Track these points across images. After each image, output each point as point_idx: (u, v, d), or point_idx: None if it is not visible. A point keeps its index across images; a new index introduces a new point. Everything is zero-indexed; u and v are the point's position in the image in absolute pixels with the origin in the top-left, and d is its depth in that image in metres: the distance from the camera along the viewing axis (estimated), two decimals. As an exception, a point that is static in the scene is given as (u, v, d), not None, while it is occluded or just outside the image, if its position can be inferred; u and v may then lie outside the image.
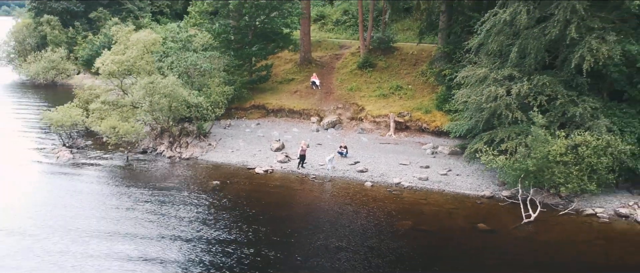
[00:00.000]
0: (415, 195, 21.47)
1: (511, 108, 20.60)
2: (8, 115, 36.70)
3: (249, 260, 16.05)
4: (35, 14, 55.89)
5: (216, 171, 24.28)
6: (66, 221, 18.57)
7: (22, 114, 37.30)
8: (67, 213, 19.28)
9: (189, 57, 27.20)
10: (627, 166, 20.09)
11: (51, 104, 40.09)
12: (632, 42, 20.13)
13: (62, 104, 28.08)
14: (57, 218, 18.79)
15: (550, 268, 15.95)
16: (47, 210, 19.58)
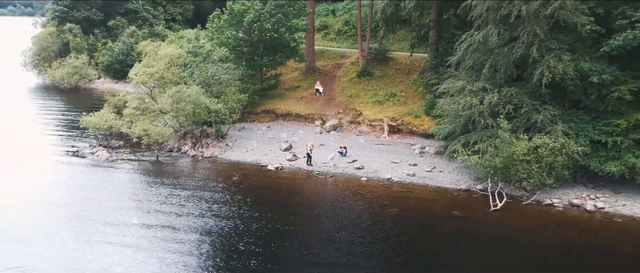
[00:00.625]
0: (403, 188, 25.42)
1: (484, 115, 24.52)
2: (44, 117, 40.85)
3: (267, 235, 20.03)
4: (58, 22, 60.07)
5: (234, 168, 28.27)
6: (115, 203, 22.62)
7: (56, 116, 41.40)
8: (112, 197, 23.30)
9: (209, 68, 31.15)
10: (582, 164, 24.01)
11: (79, 107, 44.46)
12: (586, 60, 23.99)
13: (87, 107, 32.18)
14: (105, 202, 22.83)
15: (508, 245, 19.87)
16: (92, 197, 23.60)
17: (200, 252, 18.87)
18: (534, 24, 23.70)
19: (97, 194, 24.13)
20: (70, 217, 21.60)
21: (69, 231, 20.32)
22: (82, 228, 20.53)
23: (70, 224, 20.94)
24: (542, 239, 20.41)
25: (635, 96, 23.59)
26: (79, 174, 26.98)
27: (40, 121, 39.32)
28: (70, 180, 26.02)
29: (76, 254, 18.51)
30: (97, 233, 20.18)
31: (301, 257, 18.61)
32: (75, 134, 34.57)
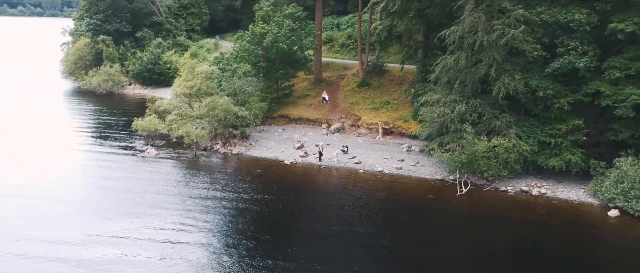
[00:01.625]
0: (392, 178, 32.33)
1: (454, 121, 31.36)
2: (96, 118, 48.03)
3: (287, 211, 26.99)
4: (93, 34, 67.21)
5: (257, 163, 35.26)
6: (170, 187, 29.64)
7: (105, 118, 48.56)
8: (166, 184, 30.31)
9: (236, 82, 38.10)
10: (531, 160, 30.81)
11: (118, 111, 51.68)
12: (535, 79, 30.75)
13: (124, 110, 38.95)
14: (162, 187, 29.86)
15: (469, 219, 26.72)
16: (151, 184, 30.60)
17: (237, 221, 25.85)
18: (493, 51, 30.52)
19: (153, 182, 31.13)
20: (140, 196, 28.62)
21: (141, 206, 27.31)
22: (151, 204, 27.54)
23: (139, 201, 27.95)
24: (494, 215, 27.27)
25: (572, 106, 30.39)
26: (137, 166, 34.03)
27: (95, 123, 46.52)
28: (131, 171, 33.06)
29: (153, 221, 25.51)
30: (162, 206, 27.20)
31: (313, 226, 25.58)
32: (125, 135, 41.61)
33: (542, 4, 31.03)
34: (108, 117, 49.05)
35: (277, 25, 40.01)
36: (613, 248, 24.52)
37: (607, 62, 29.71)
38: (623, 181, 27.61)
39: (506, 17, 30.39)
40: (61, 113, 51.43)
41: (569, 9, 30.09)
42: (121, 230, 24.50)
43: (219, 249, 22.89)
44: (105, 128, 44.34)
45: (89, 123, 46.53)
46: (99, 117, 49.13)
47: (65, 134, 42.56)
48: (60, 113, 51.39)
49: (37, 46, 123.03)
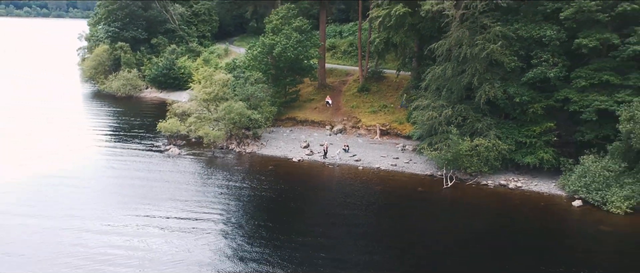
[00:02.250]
0: (387, 173, 36.78)
1: (441, 124, 35.75)
2: (118, 120, 52.56)
3: (295, 201, 31.48)
4: (111, 41, 71.80)
5: (268, 160, 39.74)
6: (193, 181, 34.13)
7: (129, 119, 53.03)
8: (188, 178, 34.80)
9: (249, 88, 42.58)
10: (509, 157, 35.18)
11: (138, 113, 56.19)
12: (512, 86, 35.11)
13: (143, 112, 43.42)
14: (182, 183, 34.37)
15: (452, 207, 31.14)
16: (175, 177, 35.10)
17: (253, 208, 30.36)
18: (476, 62, 34.91)
19: (178, 176, 35.63)
20: (168, 188, 33.12)
21: (169, 196, 31.78)
22: (178, 194, 32.03)
23: (167, 191, 32.43)
24: (475, 204, 31.69)
25: (545, 110, 34.79)
26: (163, 163, 38.54)
27: (120, 123, 51.16)
28: (158, 167, 37.57)
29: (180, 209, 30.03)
30: (188, 196, 31.71)
31: (318, 212, 30.07)
32: (149, 135, 46.09)
33: (518, 20, 35.42)
34: (131, 118, 53.61)
35: (286, 37, 44.49)
36: (574, 231, 28.95)
37: (575, 72, 34.12)
38: (586, 175, 31.97)
39: (487, 33, 34.77)
40: (88, 115, 56.07)
41: (542, 26, 34.46)
42: (153, 215, 29.00)
43: (238, 231, 27.41)
44: (131, 129, 48.92)
45: (115, 124, 51.15)
46: (123, 118, 53.71)
47: (95, 133, 47.14)
48: (87, 115, 56.06)
49: (52, 49, 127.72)
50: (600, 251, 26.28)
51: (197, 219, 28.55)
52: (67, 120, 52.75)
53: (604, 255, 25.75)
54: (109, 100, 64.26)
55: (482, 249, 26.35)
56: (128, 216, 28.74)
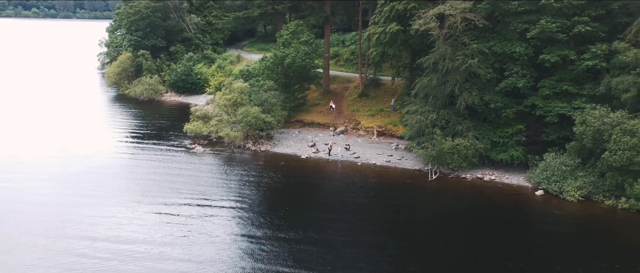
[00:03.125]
0: (382, 168, 43.15)
1: (428, 126, 42.04)
2: (145, 121, 59.11)
3: (303, 191, 37.93)
4: (133, 49, 78.43)
5: (280, 157, 46.17)
6: (219, 174, 40.58)
7: (153, 121, 59.58)
8: (214, 172, 41.25)
9: (263, 95, 49.04)
10: (486, 155, 41.45)
11: (161, 115, 62.74)
12: (488, 94, 41.35)
13: (165, 115, 50.30)
14: (209, 175, 40.82)
15: (435, 196, 37.48)
16: (201, 172, 41.55)
17: (268, 197, 36.84)
18: (457, 74, 41.20)
19: (205, 170, 42.12)
20: (197, 179, 39.59)
21: (199, 186, 38.23)
22: (206, 184, 38.48)
23: (197, 182, 38.90)
24: (454, 194, 37.99)
25: (516, 115, 41.00)
26: (191, 159, 45.05)
27: (147, 124, 57.65)
28: (187, 162, 44.07)
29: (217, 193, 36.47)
30: (213, 185, 38.17)
31: (324, 200, 36.52)
32: (175, 135, 52.54)
33: (493, 38, 41.71)
34: (156, 120, 60.24)
35: (295, 50, 50.91)
36: (535, 215, 35.29)
37: (540, 82, 40.41)
38: (547, 169, 38.22)
39: (466, 49, 41.04)
40: (117, 116, 62.63)
41: (513, 43, 40.72)
42: (187, 201, 35.48)
43: (255, 214, 33.88)
44: (158, 129, 55.52)
45: (142, 125, 57.77)
46: (149, 120, 60.34)
47: (126, 133, 53.72)
48: (116, 116, 62.61)
49: (69, 53, 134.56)
50: (554, 230, 32.40)
51: (221, 206, 35.00)
52: (98, 121, 59.44)
53: (556, 233, 31.88)
54: (133, 103, 70.84)
55: (459, 226, 32.84)
56: (168, 200, 35.25)
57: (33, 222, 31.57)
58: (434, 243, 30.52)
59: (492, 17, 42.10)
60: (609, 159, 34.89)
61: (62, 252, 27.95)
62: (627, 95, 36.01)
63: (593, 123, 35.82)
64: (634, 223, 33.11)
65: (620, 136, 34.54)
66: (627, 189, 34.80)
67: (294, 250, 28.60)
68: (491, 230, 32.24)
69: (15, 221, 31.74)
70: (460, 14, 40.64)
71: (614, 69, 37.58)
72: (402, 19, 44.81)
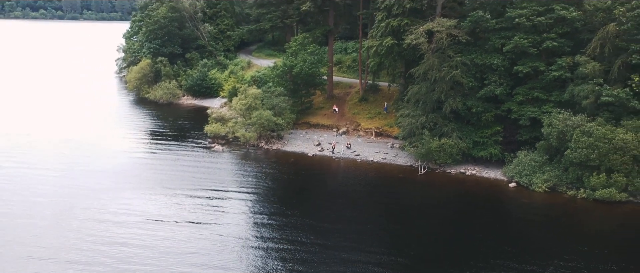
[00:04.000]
0: (378, 164, 49.62)
1: (418, 128, 48.45)
2: (167, 123, 65.76)
3: (311, 183, 44.49)
4: (152, 55, 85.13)
5: (289, 155, 52.68)
6: (233, 170, 47.14)
7: (174, 123, 66.23)
8: (233, 167, 47.79)
9: (274, 99, 55.59)
10: (468, 153, 47.84)
11: (180, 117, 69.46)
12: (471, 100, 47.73)
13: (183, 117, 57.52)
14: (228, 170, 47.37)
15: (424, 187, 43.93)
16: (222, 167, 48.11)
17: (280, 188, 43.40)
18: (443, 82, 47.57)
19: (225, 165, 48.75)
20: (219, 173, 46.14)
21: (220, 178, 44.76)
22: (226, 177, 45.01)
23: (218, 176, 45.45)
24: (440, 186, 44.41)
25: (494, 118, 47.35)
26: (213, 156, 51.62)
27: (170, 126, 64.26)
28: (210, 159, 50.66)
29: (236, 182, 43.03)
30: (232, 178, 44.70)
31: (327, 191, 43.06)
32: (196, 135, 59.17)
33: (474, 52, 48.06)
34: (176, 121, 66.92)
35: (302, 60, 57.45)
36: (507, 203, 41.59)
37: (515, 90, 46.76)
38: (519, 165, 44.57)
39: (451, 61, 47.42)
40: (139, 118, 69.34)
41: (491, 56, 47.08)
42: (213, 189, 42.04)
43: (268, 203, 40.45)
44: (179, 130, 62.22)
45: (166, 125, 64.49)
46: (169, 121, 67.01)
47: (150, 133, 60.36)
48: (139, 118, 69.32)
49: (84, 57, 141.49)
50: (523, 216, 38.71)
51: (239, 194, 41.55)
52: (125, 122, 66.11)
53: (525, 219, 38.19)
54: (153, 106, 77.54)
55: (444, 213, 39.32)
56: (196, 189, 41.83)
57: (76, 207, 38.16)
58: (422, 226, 36.94)
59: (473, 33, 48.45)
60: (571, 156, 41.25)
61: (109, 220, 34.52)
62: (586, 101, 42.37)
63: (558, 125, 42.15)
64: (590, 210, 39.42)
65: (580, 137, 40.87)
66: (585, 181, 41.13)
67: (300, 231, 35.02)
68: (471, 216, 38.67)
69: (65, 205, 38.23)
70: (446, 30, 46.98)
71: (576, 79, 43.89)
72: (396, 34, 51.14)
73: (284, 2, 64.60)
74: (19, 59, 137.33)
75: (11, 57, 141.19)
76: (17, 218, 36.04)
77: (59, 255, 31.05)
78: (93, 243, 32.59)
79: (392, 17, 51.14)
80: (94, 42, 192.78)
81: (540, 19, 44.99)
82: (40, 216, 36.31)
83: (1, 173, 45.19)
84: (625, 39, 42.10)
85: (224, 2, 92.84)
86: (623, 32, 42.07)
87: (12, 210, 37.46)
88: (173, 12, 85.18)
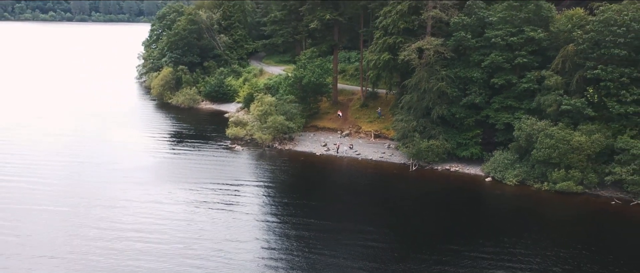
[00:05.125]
0: (376, 162, 58.03)
1: (410, 131, 56.79)
2: (192, 126, 74.46)
3: (318, 177, 53.04)
4: (174, 64, 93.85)
5: (300, 154, 61.17)
6: (250, 166, 55.68)
7: (197, 125, 74.96)
8: (252, 164, 56.33)
9: (286, 106, 64.09)
10: (453, 153, 56.17)
11: (201, 120, 78.22)
12: (455, 107, 55.99)
13: (203, 120, 66.58)
14: (246, 165, 55.92)
15: (413, 181, 52.32)
16: (242, 162, 56.66)
17: (290, 182, 51.94)
18: (431, 92, 55.90)
19: (245, 162, 57.35)
20: (240, 168, 54.69)
21: (241, 173, 53.27)
22: (243, 174, 53.50)
23: (240, 171, 53.97)
24: (428, 180, 52.73)
25: (475, 122, 55.65)
26: (234, 155, 60.22)
27: (194, 128, 72.96)
28: (232, 157, 59.30)
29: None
30: (251, 173, 53.18)
31: (331, 184, 51.62)
32: (217, 136, 67.77)
33: (458, 66, 56.37)
34: (199, 124, 75.65)
35: (310, 71, 65.98)
36: (483, 193, 49.93)
37: (492, 99, 54.99)
38: (495, 162, 52.86)
39: (438, 74, 55.70)
40: (166, 121, 78.16)
41: (472, 70, 55.32)
42: (234, 181, 50.56)
43: (281, 194, 48.98)
44: (202, 131, 70.95)
45: (190, 128, 73.29)
46: (193, 124, 75.76)
47: (177, 134, 69.04)
48: (164, 121, 78.11)
49: (103, 61, 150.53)
50: (496, 205, 47.23)
51: (257, 186, 50.14)
52: (151, 125, 74.98)
53: (498, 207, 46.74)
54: (176, 110, 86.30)
55: (431, 203, 47.61)
56: (222, 181, 50.36)
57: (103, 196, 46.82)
58: (412, 213, 45.19)
59: (457, 50, 56.73)
60: (536, 155, 49.45)
61: (160, 202, 43.13)
62: (550, 109, 50.58)
63: (526, 129, 50.35)
64: (552, 200, 47.46)
65: (544, 139, 49.06)
66: (548, 176, 49.28)
67: (308, 213, 43.37)
68: (454, 205, 46.82)
69: (104, 194, 46.84)
70: (434, 48, 55.27)
71: (542, 90, 52.06)
72: (392, 50, 59.45)
73: (294, 20, 72.93)
74: (44, 64, 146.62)
75: (37, 62, 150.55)
76: (81, 197, 44.85)
77: (125, 218, 39.67)
78: (147, 217, 41.52)
79: (388, 35, 59.48)
80: (108, 46, 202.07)
81: (513, 39, 53.21)
82: (101, 196, 45.53)
83: (58, 166, 54.17)
84: (582, 57, 50.24)
85: (238, 15, 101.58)
86: (580, 51, 50.22)
87: (77, 190, 46.45)
88: (192, 25, 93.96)
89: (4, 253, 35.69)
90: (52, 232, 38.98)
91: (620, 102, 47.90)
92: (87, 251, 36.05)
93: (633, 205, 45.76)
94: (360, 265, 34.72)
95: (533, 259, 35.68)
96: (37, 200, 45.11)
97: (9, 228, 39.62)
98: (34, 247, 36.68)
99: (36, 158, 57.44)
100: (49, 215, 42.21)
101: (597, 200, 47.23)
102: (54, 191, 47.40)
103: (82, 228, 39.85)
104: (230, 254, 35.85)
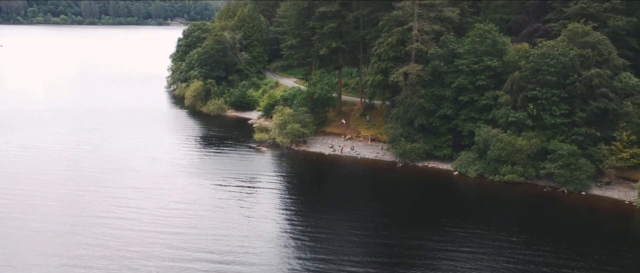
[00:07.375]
0: (372, 160, 74.92)
1: (398, 136, 73.65)
2: (221, 130, 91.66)
3: (326, 173, 70.19)
4: (203, 78, 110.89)
5: (312, 154, 78.10)
6: (271, 164, 72.79)
7: (225, 130, 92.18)
8: (274, 163, 73.39)
9: (301, 115, 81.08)
10: (431, 152, 73.01)
11: (228, 126, 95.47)
12: (431, 118, 72.84)
13: (229, 125, 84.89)
14: (268, 163, 73.01)
15: (400, 176, 69.24)
16: (265, 161, 73.80)
17: (304, 175, 69.08)
18: (413, 107, 72.67)
19: (267, 160, 74.48)
20: (262, 166, 71.84)
21: (263, 169, 70.33)
22: (264, 169, 70.58)
23: (261, 167, 71.05)
24: (410, 174, 69.63)
25: (447, 129, 72.51)
26: (260, 155, 77.27)
27: (224, 132, 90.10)
28: (258, 156, 76.37)
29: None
30: (271, 169, 70.21)
31: (336, 176, 68.77)
32: (245, 139, 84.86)
33: (434, 86, 73.22)
34: (228, 129, 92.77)
35: (320, 88, 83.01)
36: (450, 184, 66.84)
37: (460, 112, 71.83)
38: (461, 160, 69.72)
39: (419, 92, 72.51)
40: (200, 126, 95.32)
41: (445, 89, 72.17)
42: (260, 175, 67.61)
43: (297, 183, 66.11)
44: (231, 135, 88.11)
45: (221, 131, 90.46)
46: (223, 128, 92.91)
47: (211, 137, 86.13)
48: (199, 126, 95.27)
49: (131, 70, 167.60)
50: (461, 193, 64.21)
51: (278, 179, 67.28)
52: (187, 130, 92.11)
53: (462, 194, 63.70)
54: (207, 117, 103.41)
55: (412, 191, 64.58)
56: (251, 174, 67.39)
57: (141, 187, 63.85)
58: (397, 199, 61.93)
59: (433, 74, 73.53)
60: (491, 154, 66.26)
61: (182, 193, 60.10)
62: (501, 120, 67.41)
63: (484, 135, 67.16)
64: (502, 188, 63.87)
65: (496, 142, 65.85)
66: (499, 170, 66.02)
67: (318, 198, 60.38)
68: (430, 193, 63.80)
69: (145, 185, 63.96)
70: (416, 72, 72.13)
71: (497, 106, 68.88)
72: (384, 72, 76.34)
73: (307, 46, 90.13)
74: (75, 73, 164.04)
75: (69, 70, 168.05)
76: (125, 181, 61.84)
77: (168, 201, 56.70)
78: (185, 203, 58.44)
79: (381, 61, 76.47)
80: (128, 52, 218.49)
81: (475, 66, 70.04)
82: (144, 186, 62.46)
83: (112, 159, 71.51)
84: (525, 81, 67.03)
85: (256, 34, 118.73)
86: (524, 77, 67.02)
87: (122, 178, 63.41)
88: (218, 44, 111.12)
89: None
90: (99, 205, 55.60)
91: (552, 115, 64.60)
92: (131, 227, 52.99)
93: (559, 191, 62.56)
94: (354, 234, 51.60)
95: (487, 232, 50.87)
96: (100, 181, 62.46)
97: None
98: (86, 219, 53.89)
99: (109, 149, 76.93)
100: (92, 195, 58.88)
101: (535, 187, 63.96)
102: (114, 174, 65.44)
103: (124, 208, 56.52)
104: (258, 223, 52.81)
